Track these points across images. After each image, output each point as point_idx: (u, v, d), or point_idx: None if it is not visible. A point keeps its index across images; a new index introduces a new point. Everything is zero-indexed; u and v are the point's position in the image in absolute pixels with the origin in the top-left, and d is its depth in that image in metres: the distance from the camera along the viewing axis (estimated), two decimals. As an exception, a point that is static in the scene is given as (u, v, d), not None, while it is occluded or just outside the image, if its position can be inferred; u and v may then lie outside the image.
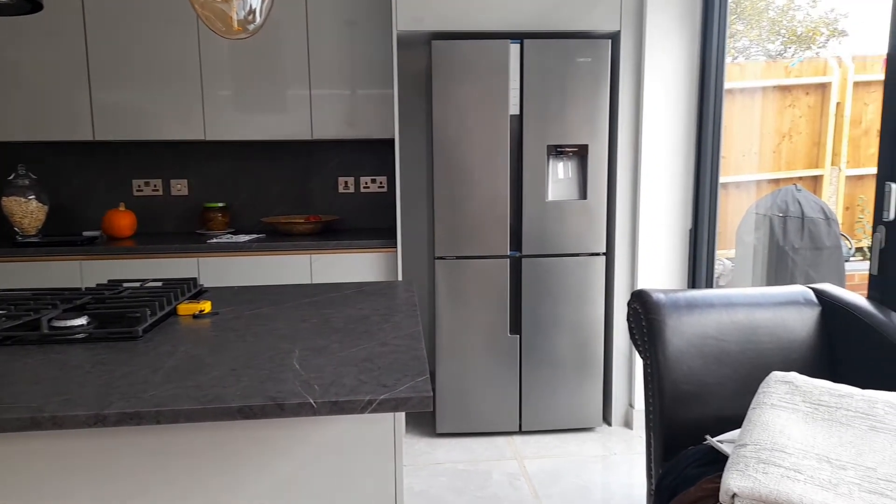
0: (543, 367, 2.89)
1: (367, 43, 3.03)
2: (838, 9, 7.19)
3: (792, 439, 1.48)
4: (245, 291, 1.86)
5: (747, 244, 3.99)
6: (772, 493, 1.37)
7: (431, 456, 2.71)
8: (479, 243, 2.81)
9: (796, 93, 4.49)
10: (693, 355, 1.86)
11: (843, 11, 7.13)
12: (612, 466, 2.63)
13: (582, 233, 2.85)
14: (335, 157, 3.38)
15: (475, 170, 2.77)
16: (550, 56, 2.73)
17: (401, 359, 1.22)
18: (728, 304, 1.91)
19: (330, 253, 2.86)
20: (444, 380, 2.85)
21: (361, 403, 1.04)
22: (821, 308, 1.89)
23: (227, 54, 2.99)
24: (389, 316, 1.54)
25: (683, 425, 1.84)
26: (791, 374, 1.64)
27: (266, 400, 1.04)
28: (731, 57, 6.31)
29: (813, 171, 4.59)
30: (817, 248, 3.72)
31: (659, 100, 2.80)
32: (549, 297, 2.86)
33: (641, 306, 1.92)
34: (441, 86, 2.71)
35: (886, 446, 1.42)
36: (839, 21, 7.08)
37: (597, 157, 2.81)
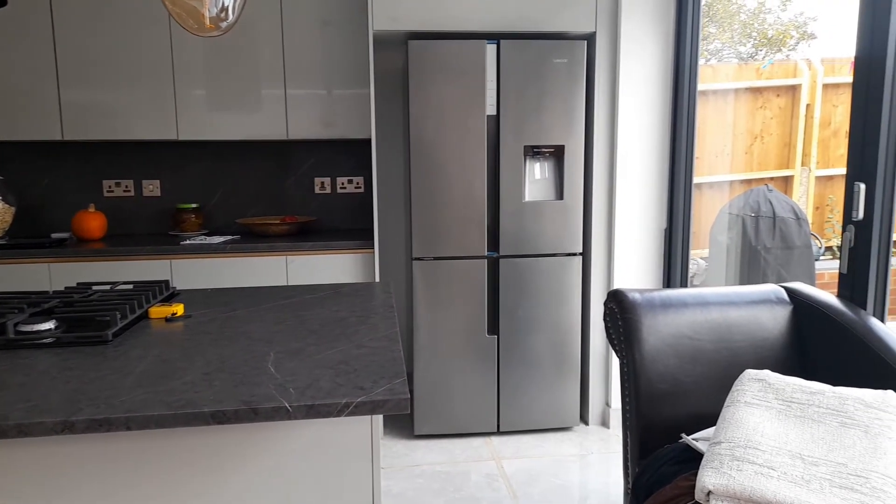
0: (521, 367, 2.89)
1: (343, 43, 3.00)
2: (807, 12, 7.34)
3: (765, 436, 1.50)
4: (219, 294, 1.83)
5: (721, 244, 4.05)
6: (746, 490, 1.39)
7: (410, 458, 2.70)
8: (456, 244, 2.81)
9: (767, 94, 4.57)
10: (668, 354, 1.88)
11: (812, 15, 7.28)
12: (589, 466, 2.65)
13: (559, 233, 2.86)
14: (311, 158, 3.35)
15: (452, 170, 2.76)
16: (527, 57, 2.74)
17: (378, 361, 1.21)
18: (702, 303, 1.93)
19: (306, 254, 2.83)
20: (423, 381, 2.84)
21: (338, 406, 1.02)
22: (793, 306, 1.92)
23: (200, 53, 2.95)
24: (366, 318, 1.52)
25: (659, 424, 1.85)
26: (764, 372, 1.67)
27: (240, 404, 1.02)
28: (704, 59, 6.40)
29: (784, 172, 4.67)
30: (788, 247, 3.79)
31: (634, 101, 2.82)
32: (526, 297, 2.87)
33: (618, 306, 1.94)
34: (417, 86, 2.70)
35: (856, 442, 1.44)
36: (808, 24, 7.23)
37: (573, 157, 2.83)
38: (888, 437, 1.44)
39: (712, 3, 6.78)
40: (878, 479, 1.35)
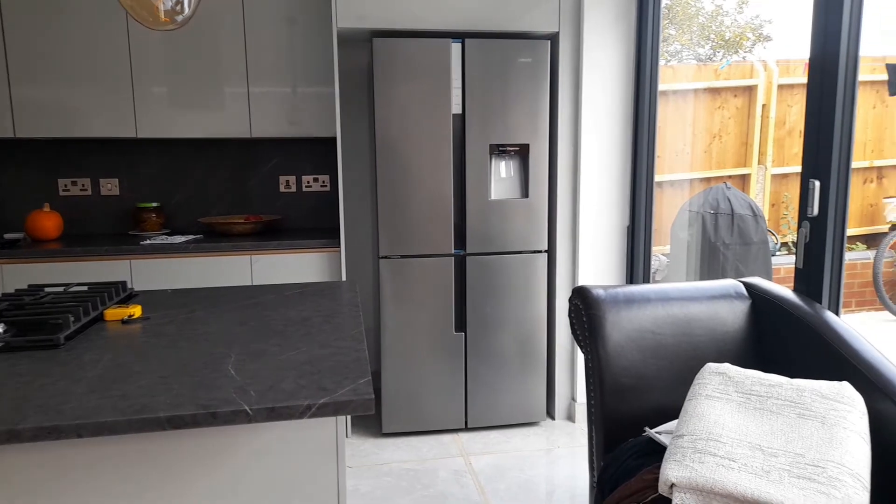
0: (488, 363, 2.90)
1: (308, 40, 2.96)
2: (763, 15, 7.54)
3: (726, 429, 1.53)
4: (179, 294, 1.78)
5: (681, 240, 4.13)
6: (708, 482, 1.41)
7: (378, 456, 2.68)
8: (423, 242, 2.80)
9: (725, 95, 4.68)
10: (632, 349, 1.90)
11: (768, 17, 7.47)
12: (556, 460, 2.67)
13: (524, 231, 2.88)
14: (276, 156, 3.30)
15: (419, 169, 2.75)
16: (491, 56, 2.74)
17: (342, 361, 1.19)
18: (664, 299, 1.96)
19: (271, 254, 2.79)
20: (390, 379, 2.83)
21: (300, 409, 1.00)
22: (751, 301, 1.96)
23: (161, 49, 2.87)
24: (331, 317, 1.50)
25: (624, 418, 1.88)
26: (724, 366, 1.70)
27: (198, 408, 0.99)
28: (665, 60, 6.52)
29: (741, 170, 4.79)
30: (746, 243, 3.89)
31: (597, 100, 2.85)
32: (493, 294, 2.88)
33: (582, 302, 1.96)
34: (383, 84, 2.68)
35: (813, 432, 1.48)
36: (764, 27, 7.42)
37: (538, 156, 2.85)
38: (843, 427, 1.48)
39: (672, 6, 6.91)
40: (834, 469, 1.39)
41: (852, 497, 1.34)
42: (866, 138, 5.11)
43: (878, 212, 5.27)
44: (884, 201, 5.20)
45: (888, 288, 4.71)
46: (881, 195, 5.25)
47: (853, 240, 5.19)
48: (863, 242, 5.15)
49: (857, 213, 5.22)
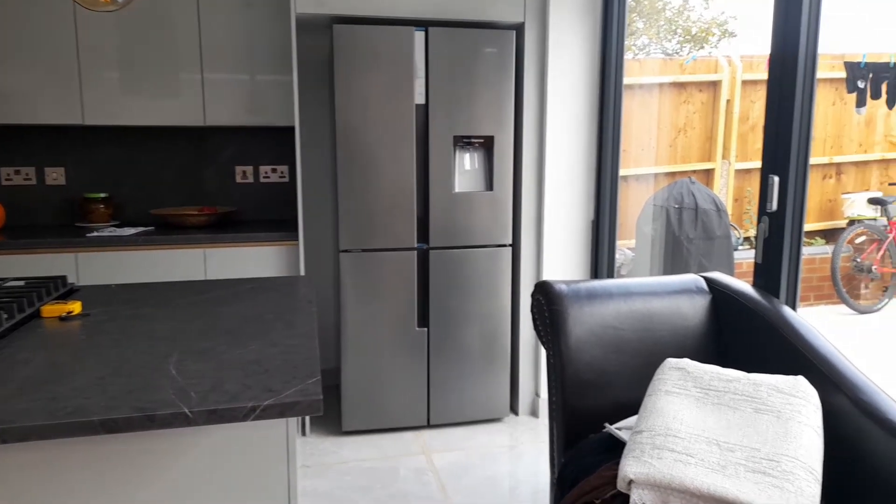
0: (452, 359, 2.87)
1: (267, 26, 2.87)
2: (728, 11, 7.64)
3: (684, 424, 1.53)
4: (125, 290, 1.70)
5: (647, 234, 4.16)
6: (665, 478, 1.40)
7: (337, 455, 2.63)
8: (385, 235, 2.74)
9: (690, 89, 4.72)
10: (594, 344, 1.89)
11: (733, 13, 7.58)
12: (519, 456, 2.66)
13: (489, 224, 2.85)
14: (232, 146, 3.20)
15: (380, 160, 2.69)
16: (456, 45, 2.69)
17: (292, 360, 1.14)
18: (626, 294, 1.96)
19: (226, 247, 2.70)
20: (351, 376, 2.77)
21: (243, 411, 0.95)
22: (711, 296, 1.97)
23: (109, 32, 2.74)
24: (284, 314, 1.45)
25: (585, 413, 1.86)
26: (684, 361, 1.70)
27: (134, 411, 0.93)
28: (633, 54, 6.56)
29: (705, 165, 4.85)
30: (710, 237, 3.93)
31: (562, 93, 2.83)
32: (456, 289, 2.84)
33: (544, 297, 1.93)
34: (343, 72, 2.61)
35: (769, 427, 1.49)
36: (729, 23, 7.53)
37: (502, 148, 2.81)
38: (798, 421, 1.49)
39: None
40: (789, 463, 1.40)
41: (804, 490, 1.34)
42: (826, 135, 5.23)
43: (837, 207, 5.40)
44: (842, 197, 5.33)
45: (845, 282, 4.83)
46: (840, 191, 5.38)
47: (812, 235, 5.30)
48: (822, 237, 5.27)
49: (817, 208, 5.34)
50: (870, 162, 5.32)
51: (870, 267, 4.77)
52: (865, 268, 4.78)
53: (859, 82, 4.68)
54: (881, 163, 5.35)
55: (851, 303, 4.77)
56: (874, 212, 4.97)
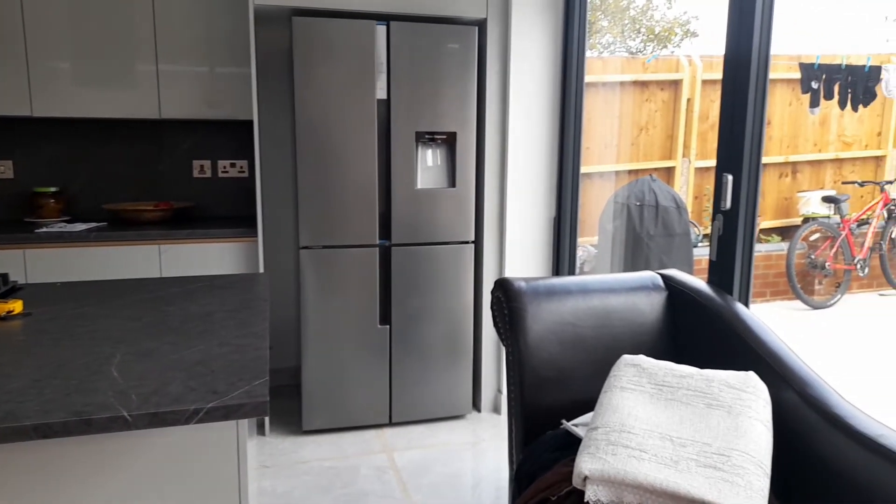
0: (414, 356, 2.86)
1: (224, 17, 2.81)
2: (691, 11, 7.77)
3: (638, 420, 1.55)
4: (70, 288, 1.64)
5: (609, 231, 4.21)
6: (619, 474, 1.42)
7: (297, 455, 2.60)
8: (346, 232, 2.71)
9: (652, 88, 4.79)
10: (552, 341, 1.90)
11: (695, 14, 7.72)
12: (481, 453, 2.66)
13: (451, 221, 2.84)
14: (190, 139, 3.12)
15: (341, 155, 2.66)
16: (418, 40, 2.67)
17: (240, 360, 1.12)
18: (584, 291, 1.97)
19: (182, 243, 2.64)
20: (311, 375, 2.74)
21: (186, 414, 0.93)
22: (667, 293, 1.99)
23: (59, 22, 2.65)
24: (236, 312, 1.42)
25: (544, 410, 1.87)
26: (639, 357, 1.72)
27: (69, 415, 0.90)
28: (597, 52, 6.62)
29: (667, 163, 4.93)
30: (670, 234, 3.99)
31: (524, 90, 2.84)
32: (418, 286, 2.83)
33: (503, 294, 1.93)
34: (303, 66, 2.57)
35: (720, 422, 1.51)
36: (691, 23, 7.66)
37: (465, 145, 2.81)
38: (748, 416, 1.52)
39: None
40: (739, 457, 1.42)
41: (753, 483, 1.37)
42: (782, 134, 5.36)
43: (793, 205, 5.54)
44: (797, 195, 5.48)
45: (800, 278, 4.97)
46: (795, 189, 5.52)
47: (769, 232, 5.44)
48: (778, 235, 5.41)
49: (773, 206, 5.48)
50: (824, 161, 5.48)
51: (823, 263, 4.91)
52: (819, 264, 4.92)
53: (813, 83, 4.81)
54: (835, 162, 5.51)
55: (806, 298, 4.91)
56: (828, 210, 5.12)
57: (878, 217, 5.08)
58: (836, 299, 4.95)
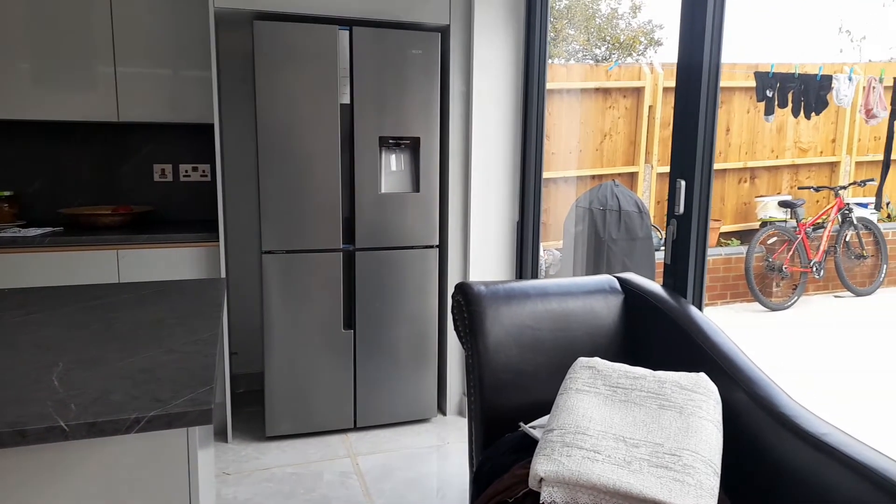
0: (378, 361, 2.85)
1: (185, 19, 2.77)
2: (655, 20, 7.93)
3: (593, 421, 1.57)
4: (15, 294, 1.60)
5: (573, 235, 4.26)
6: (573, 475, 1.44)
7: (259, 461, 2.57)
8: (310, 237, 2.70)
9: (615, 95, 4.87)
10: (511, 344, 1.91)
11: (659, 23, 7.87)
12: (445, 456, 2.67)
13: (416, 225, 2.84)
14: (150, 143, 3.07)
15: (304, 160, 2.65)
16: (381, 46, 2.68)
17: (187, 368, 1.10)
18: (543, 294, 1.99)
19: (141, 248, 2.59)
20: (275, 380, 2.71)
21: (126, 423, 0.91)
22: (624, 296, 2.03)
23: (14, 22, 2.58)
24: (187, 319, 1.40)
25: (503, 413, 1.89)
26: (594, 360, 1.74)
27: (3, 426, 0.88)
28: (564, 59, 6.70)
29: (630, 168, 5.01)
30: (632, 238, 4.06)
31: (488, 96, 2.86)
32: (383, 290, 2.83)
33: (463, 298, 1.95)
34: (264, 70, 2.55)
35: (672, 422, 1.54)
36: (655, 31, 7.82)
37: (429, 149, 2.82)
38: (699, 416, 1.55)
39: (572, 6, 7.10)
40: (689, 457, 1.45)
41: (703, 482, 1.40)
42: (741, 141, 5.50)
43: (752, 210, 5.69)
44: (756, 200, 5.62)
45: (758, 281, 5.09)
46: (754, 194, 5.67)
47: (728, 236, 5.57)
48: (737, 238, 5.54)
49: (733, 211, 5.61)
50: (781, 167, 5.64)
51: (781, 266, 5.04)
52: (777, 267, 5.05)
53: (768, 91, 4.95)
54: (791, 167, 5.67)
55: (764, 300, 5.03)
56: (785, 214, 5.27)
57: (832, 221, 5.24)
58: (793, 301, 5.09)
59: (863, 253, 5.28)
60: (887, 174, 5.39)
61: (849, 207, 5.25)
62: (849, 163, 5.76)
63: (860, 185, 5.45)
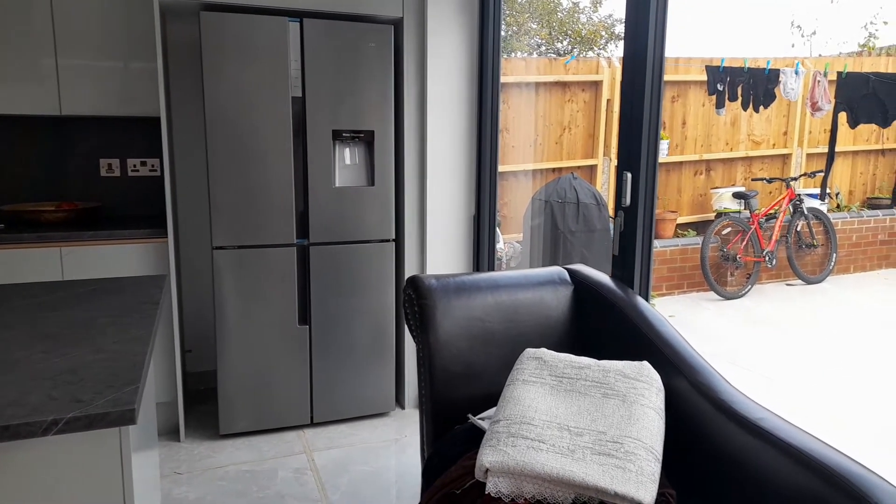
0: (335, 356, 2.83)
1: (132, 10, 2.69)
2: (616, 14, 8.01)
3: (538, 412, 1.58)
4: (-56, 295, 1.54)
5: (533, 228, 4.29)
6: (518, 465, 1.45)
7: (213, 460, 2.53)
8: (262, 231, 2.66)
9: (574, 89, 4.91)
10: (461, 337, 1.92)
11: (619, 17, 7.95)
12: (402, 449, 2.67)
13: (371, 219, 2.83)
14: (97, 137, 2.98)
15: (255, 153, 2.60)
16: (332, 38, 2.65)
17: (113, 368, 1.08)
18: (493, 287, 2.00)
19: (86, 245, 2.52)
20: (229, 377, 2.68)
21: (42, 425, 0.89)
22: (573, 287, 2.05)
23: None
24: (120, 317, 1.36)
25: (454, 405, 1.89)
26: (541, 350, 1.76)
27: (-88, 432, 0.84)
28: (527, 53, 6.72)
29: (589, 161, 5.06)
30: (590, 230, 4.11)
31: (442, 89, 2.85)
32: (339, 285, 2.81)
33: (414, 292, 1.94)
34: (212, 62, 2.50)
35: (615, 410, 1.57)
36: (616, 26, 7.89)
37: (384, 143, 2.80)
38: (641, 404, 1.58)
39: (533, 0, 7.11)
40: (631, 444, 1.48)
41: (644, 469, 1.43)
42: (697, 134, 5.60)
43: (707, 201, 5.80)
44: (711, 191, 5.74)
45: (713, 270, 5.21)
46: (709, 186, 5.78)
47: (685, 227, 5.68)
48: (693, 229, 5.65)
49: (689, 202, 5.72)
50: (735, 159, 5.76)
51: (735, 256, 5.16)
52: (731, 257, 5.18)
53: (719, 85, 5.05)
54: (745, 160, 5.80)
55: (719, 289, 5.15)
56: (739, 205, 5.40)
57: (784, 212, 5.38)
58: (747, 290, 5.22)
59: (813, 242, 5.44)
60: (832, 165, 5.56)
61: (800, 198, 5.40)
62: (800, 155, 5.92)
63: (810, 176, 5.61)
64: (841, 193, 6.23)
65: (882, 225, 5.85)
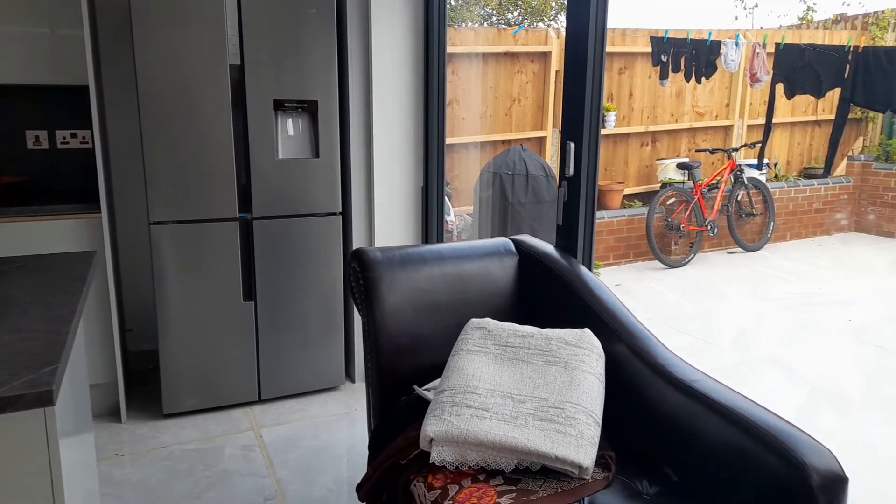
0: (282, 331, 2.79)
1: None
2: (564, -15, 7.98)
3: (482, 381, 1.60)
4: None
5: (483, 200, 4.30)
6: (462, 433, 1.46)
7: (157, 440, 2.48)
8: (202, 206, 2.58)
9: (523, 60, 4.89)
10: (407, 309, 1.91)
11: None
12: (352, 423, 2.67)
13: (317, 192, 2.77)
14: (21, 108, 2.82)
15: (192, 124, 2.51)
16: (272, 3, 2.55)
17: (31, 348, 1.03)
18: (439, 258, 2.00)
19: (11, 221, 2.39)
20: (171, 356, 2.61)
21: (-50, 409, 0.84)
22: (519, 257, 2.07)
23: None
24: (45, 296, 1.30)
25: (400, 377, 1.89)
26: (485, 320, 1.77)
27: None
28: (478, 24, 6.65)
29: (538, 133, 5.08)
30: (539, 201, 4.14)
31: (387, 59, 2.79)
32: (284, 259, 2.75)
33: (359, 265, 1.92)
34: (142, 27, 2.38)
35: (557, 377, 1.60)
36: (566, -3, 7.88)
37: (328, 114, 2.74)
38: (582, 370, 1.61)
39: (483, -32, 7.01)
40: (572, 409, 1.51)
41: (584, 432, 1.46)
42: (643, 105, 5.68)
43: (653, 172, 5.93)
44: (656, 162, 5.86)
45: (659, 240, 5.34)
46: (655, 157, 5.90)
47: (632, 198, 5.79)
48: (640, 200, 5.77)
49: (636, 174, 5.82)
50: (680, 131, 5.89)
51: (679, 225, 5.31)
52: (675, 226, 5.32)
53: (662, 56, 5.12)
54: (689, 131, 5.93)
55: (664, 258, 5.30)
56: (683, 176, 5.53)
57: (725, 182, 5.55)
58: (690, 258, 5.39)
59: (752, 211, 5.64)
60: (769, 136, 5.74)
61: (740, 168, 5.57)
62: (741, 126, 6.09)
63: (750, 147, 5.78)
64: (779, 164, 6.45)
65: (817, 194, 6.11)
